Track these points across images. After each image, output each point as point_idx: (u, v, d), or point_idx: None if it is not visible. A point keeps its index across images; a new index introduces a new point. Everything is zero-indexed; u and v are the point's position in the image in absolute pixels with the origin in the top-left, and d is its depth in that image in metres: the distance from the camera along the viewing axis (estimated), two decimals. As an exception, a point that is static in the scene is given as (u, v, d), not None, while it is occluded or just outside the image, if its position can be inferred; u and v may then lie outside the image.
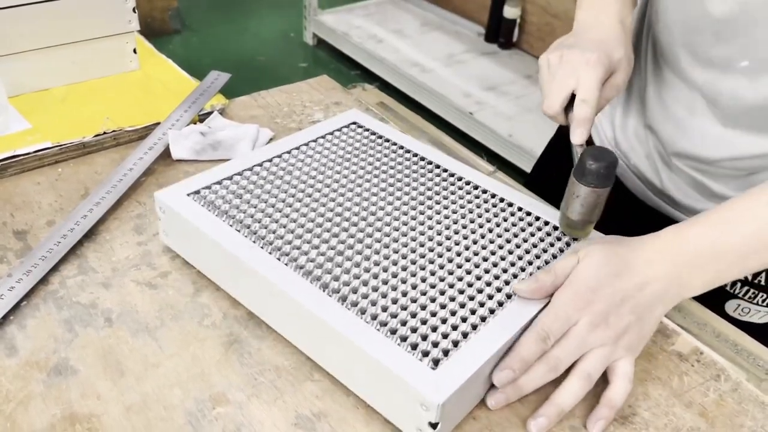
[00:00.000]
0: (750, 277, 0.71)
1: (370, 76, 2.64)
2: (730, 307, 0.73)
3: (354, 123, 0.73)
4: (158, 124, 0.76)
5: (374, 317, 0.49)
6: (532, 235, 0.59)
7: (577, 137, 0.58)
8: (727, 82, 0.61)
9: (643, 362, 0.54)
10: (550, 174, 0.87)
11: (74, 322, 0.54)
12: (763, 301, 0.72)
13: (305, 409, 0.49)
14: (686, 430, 0.50)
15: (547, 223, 0.60)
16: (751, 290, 0.72)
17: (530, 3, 2.54)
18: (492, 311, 0.51)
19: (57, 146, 0.71)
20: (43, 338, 0.53)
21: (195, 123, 0.78)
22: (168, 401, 0.49)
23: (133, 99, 0.83)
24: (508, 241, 0.58)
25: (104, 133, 0.74)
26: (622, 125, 0.76)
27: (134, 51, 0.88)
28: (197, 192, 0.59)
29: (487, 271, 0.54)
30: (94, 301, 0.56)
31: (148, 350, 0.52)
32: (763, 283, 0.71)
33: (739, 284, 0.72)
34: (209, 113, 0.80)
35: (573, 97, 0.59)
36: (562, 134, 0.86)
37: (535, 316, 0.51)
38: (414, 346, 0.47)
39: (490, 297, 0.52)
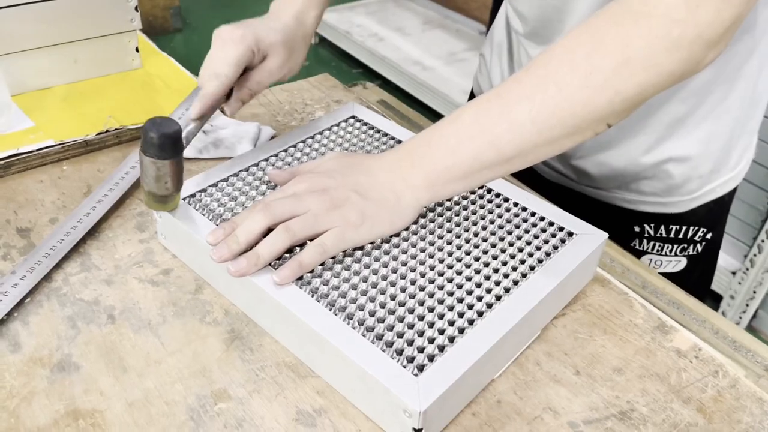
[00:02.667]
0: (652, 232, 0.74)
1: (371, 74, 2.64)
2: (644, 263, 0.75)
3: (353, 117, 0.73)
4: (160, 122, 0.76)
5: (361, 322, 0.49)
6: (527, 232, 0.58)
7: (193, 110, 0.59)
8: None
9: (641, 358, 0.55)
10: None
11: (77, 319, 0.55)
12: (671, 251, 0.75)
13: (306, 404, 0.49)
14: (684, 425, 0.50)
15: (542, 219, 0.60)
16: (657, 243, 0.75)
17: (531, 1, 2.54)
18: (481, 314, 0.50)
19: (60, 144, 0.72)
20: (46, 335, 0.53)
21: (197, 121, 0.78)
22: (170, 397, 0.49)
23: (136, 97, 0.83)
24: (502, 239, 0.57)
25: (107, 131, 0.74)
26: None
27: (136, 49, 0.88)
28: (193, 195, 0.60)
29: (478, 272, 0.54)
30: (97, 298, 0.57)
31: (150, 347, 0.53)
32: (664, 235, 0.74)
33: (645, 240, 0.75)
34: (211, 111, 0.80)
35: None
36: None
37: (524, 318, 0.50)
38: (399, 352, 0.47)
39: (480, 299, 0.52)
